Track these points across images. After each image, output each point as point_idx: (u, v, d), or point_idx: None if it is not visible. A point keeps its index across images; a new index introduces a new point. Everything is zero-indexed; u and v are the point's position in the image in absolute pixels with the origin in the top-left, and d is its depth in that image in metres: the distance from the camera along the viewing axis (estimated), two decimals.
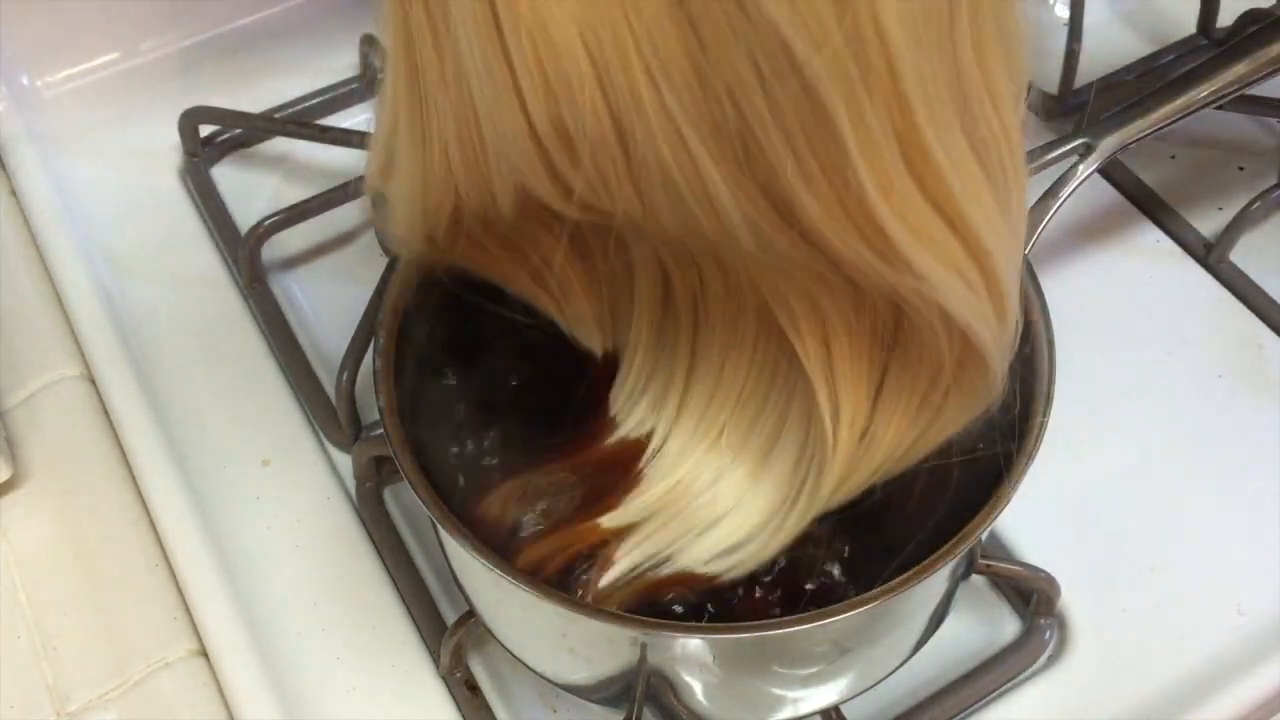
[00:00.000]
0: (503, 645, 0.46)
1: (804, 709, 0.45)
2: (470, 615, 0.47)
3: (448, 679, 0.50)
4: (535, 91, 0.29)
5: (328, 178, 0.66)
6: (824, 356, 0.36)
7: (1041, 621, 0.50)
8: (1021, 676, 0.50)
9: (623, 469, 0.43)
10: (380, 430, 0.43)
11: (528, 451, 0.49)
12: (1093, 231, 0.63)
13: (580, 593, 0.41)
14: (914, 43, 0.27)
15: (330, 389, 0.56)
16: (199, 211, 0.65)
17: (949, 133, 0.29)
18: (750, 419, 0.41)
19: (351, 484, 0.55)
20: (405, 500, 0.55)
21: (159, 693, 0.49)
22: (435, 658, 0.50)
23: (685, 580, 0.41)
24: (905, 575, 0.38)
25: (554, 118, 0.29)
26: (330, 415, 0.56)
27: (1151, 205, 0.64)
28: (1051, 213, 0.49)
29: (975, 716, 0.49)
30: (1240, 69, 0.51)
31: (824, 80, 0.27)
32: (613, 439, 0.43)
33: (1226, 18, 0.70)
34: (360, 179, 0.59)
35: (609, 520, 0.42)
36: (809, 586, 0.46)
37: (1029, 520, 0.52)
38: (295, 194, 0.63)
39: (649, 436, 0.43)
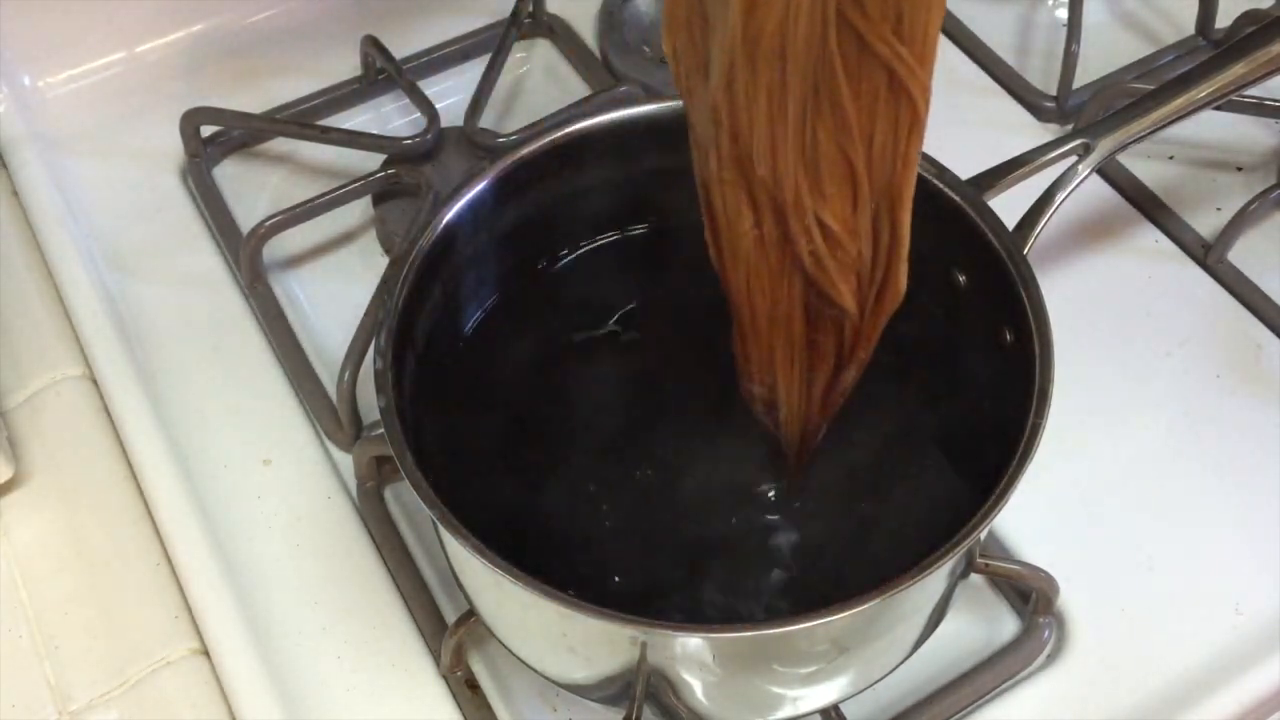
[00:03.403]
0: (503, 644, 0.47)
1: (803, 708, 0.45)
2: (471, 614, 0.48)
3: (448, 678, 0.50)
4: None
5: (329, 178, 0.66)
6: None
7: (1040, 620, 0.50)
8: (1020, 675, 0.50)
9: None
10: (381, 430, 0.43)
11: (528, 448, 0.49)
12: (1091, 232, 0.63)
13: None
14: None
15: (331, 388, 0.56)
16: (200, 212, 0.65)
17: None
18: None
19: (352, 483, 0.55)
20: (406, 500, 0.55)
21: (160, 691, 0.49)
22: (436, 657, 0.50)
23: None
24: (904, 574, 0.38)
25: None
26: (331, 415, 0.56)
27: (1150, 205, 0.64)
28: (1050, 213, 0.49)
29: (974, 715, 0.49)
30: (1238, 70, 0.51)
31: None
32: None
33: (1224, 18, 0.70)
34: (362, 180, 0.60)
35: None
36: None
37: (1028, 519, 0.52)
38: (296, 194, 0.63)
39: None
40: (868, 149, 0.37)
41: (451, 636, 0.49)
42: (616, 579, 0.46)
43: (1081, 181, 0.50)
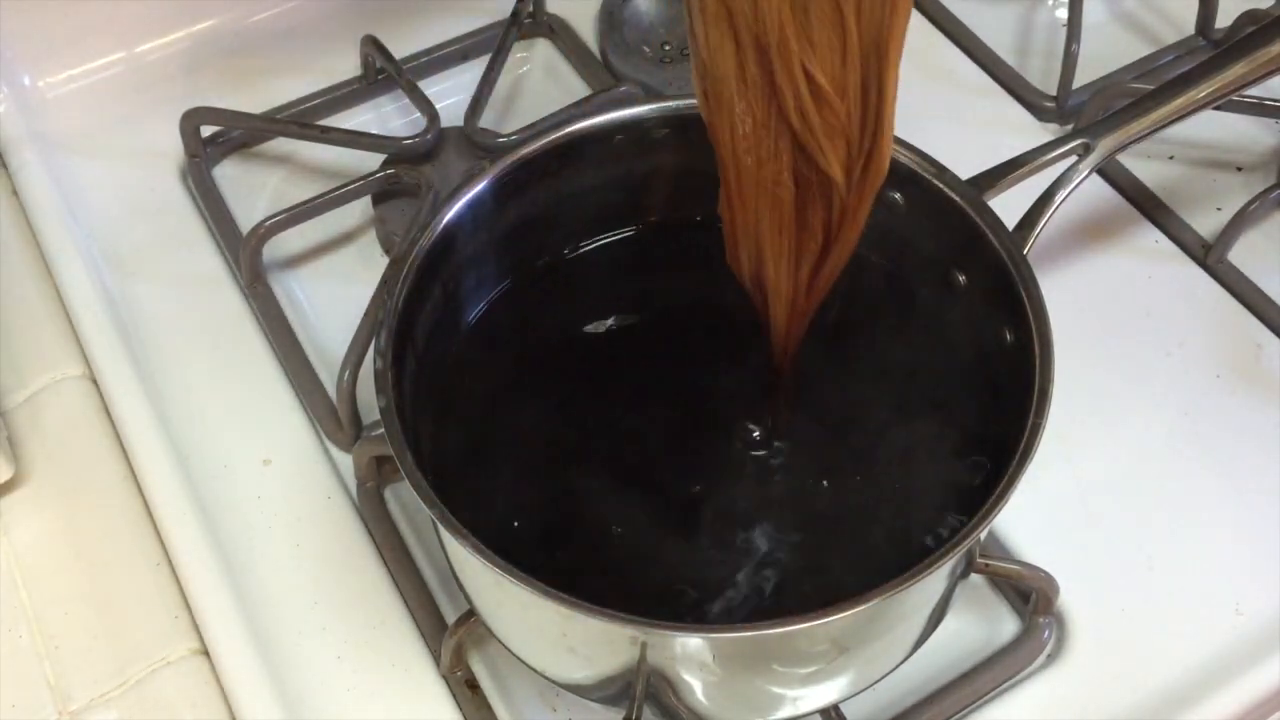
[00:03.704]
0: (503, 644, 0.47)
1: (803, 708, 0.45)
2: (471, 614, 0.48)
3: (448, 678, 0.50)
4: None
5: (329, 178, 0.66)
6: None
7: (1040, 620, 0.50)
8: (1020, 675, 0.50)
9: None
10: (381, 430, 0.43)
11: (529, 447, 0.49)
12: (1091, 232, 0.63)
13: None
14: None
15: (331, 388, 0.56)
16: (200, 212, 0.65)
17: None
18: None
19: (352, 483, 0.55)
20: (406, 500, 0.55)
21: (160, 692, 0.49)
22: (436, 657, 0.50)
23: None
24: (904, 574, 0.38)
25: None
26: (331, 415, 0.56)
27: (1150, 205, 0.64)
28: (1050, 213, 0.49)
29: (974, 715, 0.49)
30: (1238, 69, 0.51)
31: None
32: None
33: (1225, 18, 0.70)
34: (362, 180, 0.60)
35: None
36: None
37: (1028, 519, 0.52)
38: (296, 194, 0.63)
39: None
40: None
41: (451, 636, 0.49)
42: (617, 578, 0.46)
43: (1081, 181, 0.50)
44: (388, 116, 0.70)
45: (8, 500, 0.54)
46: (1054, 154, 0.50)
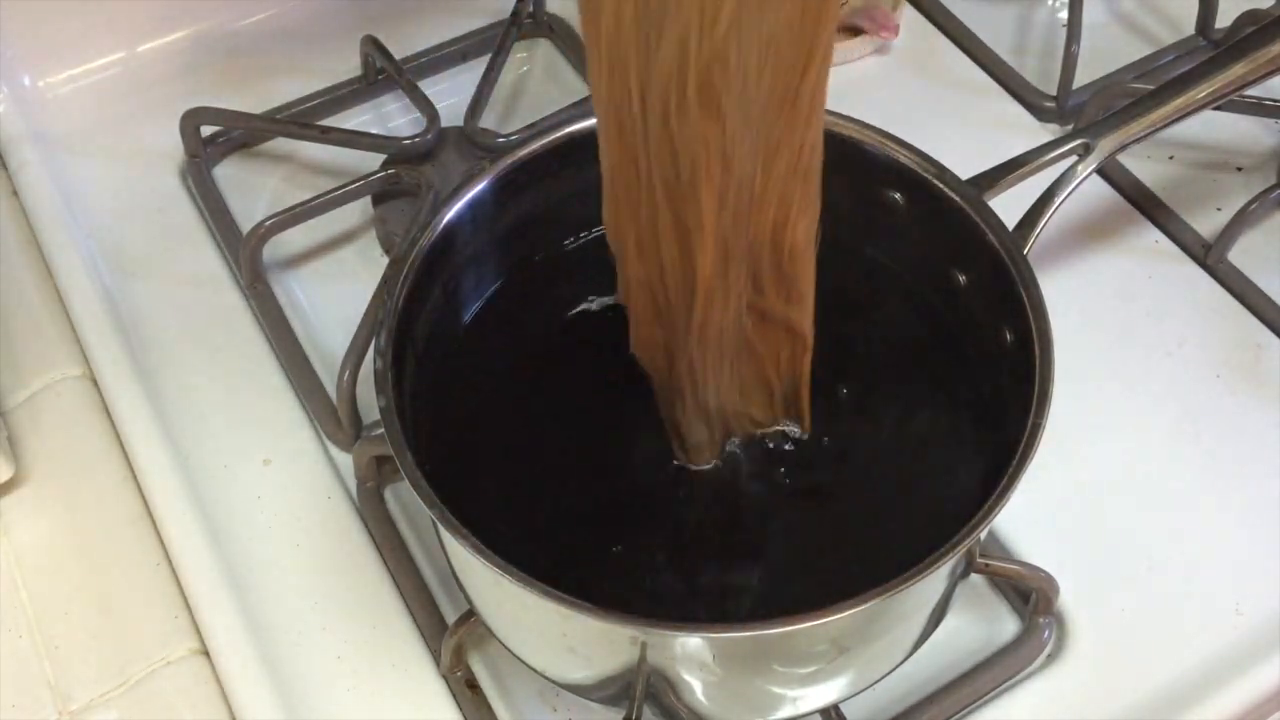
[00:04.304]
0: (503, 644, 0.47)
1: (803, 708, 0.45)
2: (471, 614, 0.48)
3: (448, 678, 0.50)
4: None
5: (329, 178, 0.66)
6: None
7: (1040, 620, 0.50)
8: (1020, 675, 0.50)
9: None
10: (381, 430, 0.43)
11: (529, 446, 0.49)
12: (1091, 232, 0.63)
13: None
14: None
15: (331, 388, 0.56)
16: (200, 212, 0.65)
17: None
18: None
19: (352, 483, 0.55)
20: (406, 499, 0.55)
21: (160, 691, 0.49)
22: (436, 657, 0.50)
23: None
24: (904, 574, 0.38)
25: None
26: (331, 414, 0.56)
27: (1150, 205, 0.64)
28: (1050, 213, 0.49)
29: (974, 715, 0.49)
30: (1238, 70, 0.51)
31: None
32: None
33: (1225, 18, 0.70)
34: (362, 180, 0.60)
35: None
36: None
37: (1028, 519, 0.52)
38: (296, 194, 0.64)
39: None
40: (776, 369, 0.47)
41: (451, 636, 0.49)
42: (618, 578, 0.46)
43: (1081, 181, 0.50)
44: (388, 116, 0.70)
45: (8, 500, 0.54)
46: (1054, 154, 0.50)
